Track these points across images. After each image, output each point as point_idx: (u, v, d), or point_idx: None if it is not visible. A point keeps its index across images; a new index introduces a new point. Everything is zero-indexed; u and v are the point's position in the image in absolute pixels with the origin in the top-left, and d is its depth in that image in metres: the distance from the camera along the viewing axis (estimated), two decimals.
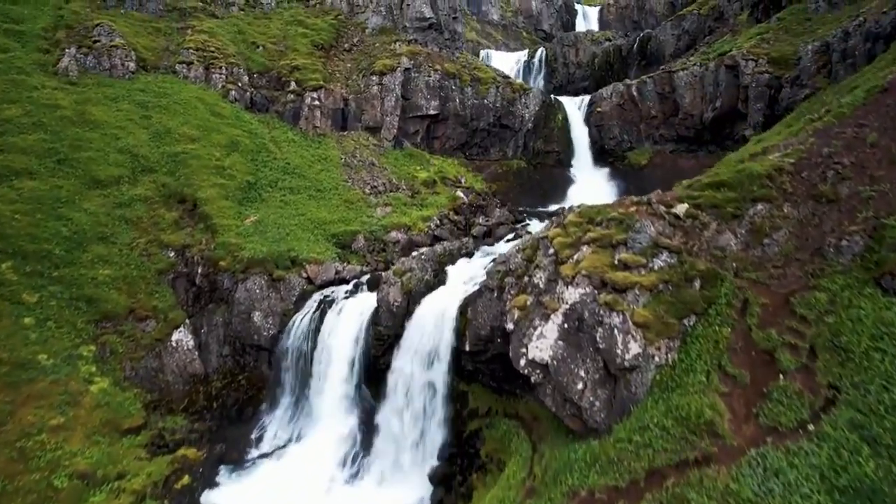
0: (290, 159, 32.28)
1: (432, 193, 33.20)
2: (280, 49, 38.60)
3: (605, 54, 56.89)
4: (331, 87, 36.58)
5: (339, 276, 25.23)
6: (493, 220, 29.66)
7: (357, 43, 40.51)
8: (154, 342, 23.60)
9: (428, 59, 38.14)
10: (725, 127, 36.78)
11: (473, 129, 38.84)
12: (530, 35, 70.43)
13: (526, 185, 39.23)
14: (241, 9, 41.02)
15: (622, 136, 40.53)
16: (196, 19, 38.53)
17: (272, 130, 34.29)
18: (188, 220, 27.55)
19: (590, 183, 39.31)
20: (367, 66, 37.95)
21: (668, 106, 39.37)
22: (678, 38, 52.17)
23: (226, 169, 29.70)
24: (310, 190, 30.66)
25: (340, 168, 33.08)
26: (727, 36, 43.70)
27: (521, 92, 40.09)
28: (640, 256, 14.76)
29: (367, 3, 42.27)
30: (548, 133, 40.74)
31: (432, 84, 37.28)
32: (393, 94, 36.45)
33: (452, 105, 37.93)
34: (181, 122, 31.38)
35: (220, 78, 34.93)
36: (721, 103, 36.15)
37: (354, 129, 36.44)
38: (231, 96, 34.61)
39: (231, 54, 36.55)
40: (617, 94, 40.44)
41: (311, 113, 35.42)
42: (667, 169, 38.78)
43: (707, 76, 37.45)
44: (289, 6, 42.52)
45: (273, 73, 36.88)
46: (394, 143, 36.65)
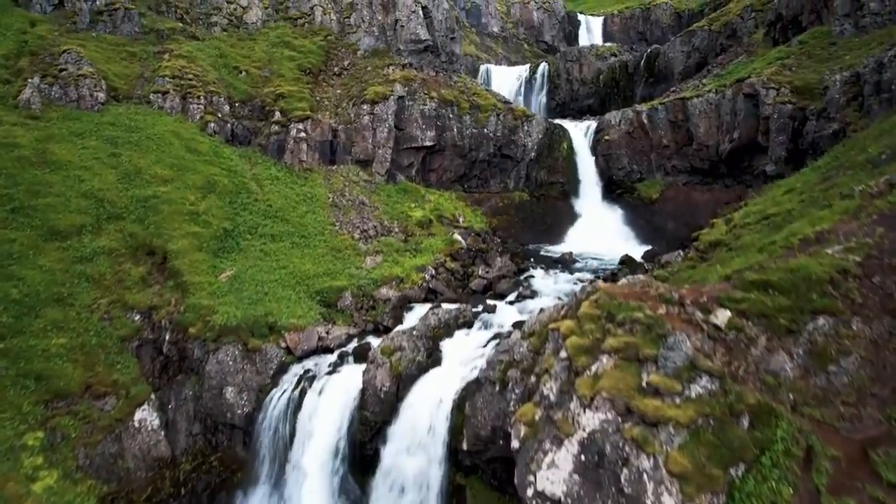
0: (273, 200, 29.63)
1: (428, 235, 30.58)
2: (264, 74, 35.92)
3: (611, 71, 54.26)
4: (318, 117, 33.92)
5: (322, 345, 22.61)
6: (493, 272, 27.04)
7: (348, 66, 37.84)
8: (113, 423, 20.97)
9: (423, 86, 35.49)
10: (743, 160, 34.18)
11: (472, 160, 36.22)
12: (532, 47, 67.77)
13: (528, 220, 36.63)
14: (223, 29, 38.36)
15: (631, 166, 37.91)
16: (174, 42, 35.84)
17: (254, 167, 31.65)
18: (157, 275, 24.92)
19: (596, 217, 36.74)
20: (357, 92, 35.29)
21: (681, 135, 36.75)
22: (688, 56, 49.58)
23: (200, 215, 27.06)
24: (293, 236, 28.04)
25: (327, 209, 30.45)
26: (742, 57, 41.08)
27: (524, 119, 37.47)
28: (675, 380, 12.15)
29: (358, 23, 39.60)
30: (552, 163, 38.13)
31: (428, 113, 34.64)
32: (385, 124, 33.81)
33: (450, 135, 35.30)
34: (153, 160, 28.73)
35: (198, 108, 32.26)
36: (739, 134, 33.55)
37: (344, 162, 33.80)
38: (210, 129, 31.95)
39: (211, 81, 33.88)
40: (626, 122, 37.82)
41: (296, 146, 32.78)
42: (679, 203, 36.24)
43: (724, 104, 34.82)
44: (275, 26, 39.85)
45: (256, 102, 34.21)
46: (386, 178, 34.03)
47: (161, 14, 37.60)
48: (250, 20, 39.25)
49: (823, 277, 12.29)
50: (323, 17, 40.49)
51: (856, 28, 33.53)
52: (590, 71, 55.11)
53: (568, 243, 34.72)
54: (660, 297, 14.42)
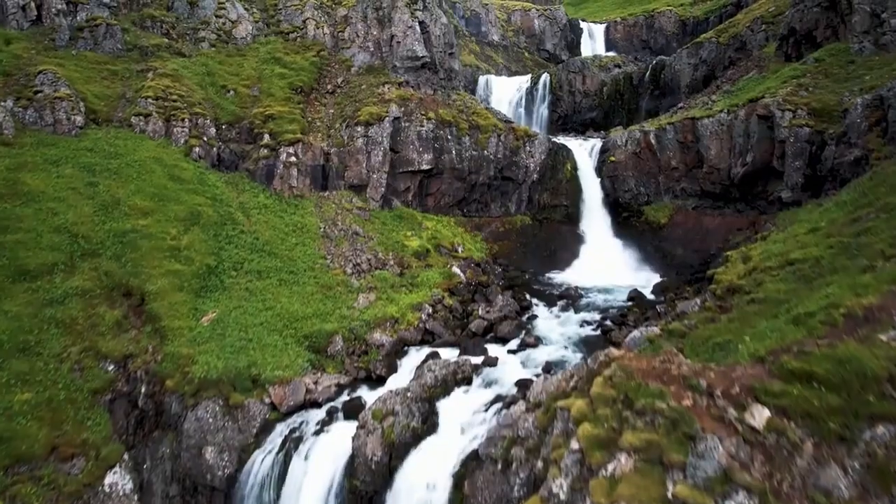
0: (260, 232, 27.94)
1: (425, 267, 28.91)
2: (253, 94, 34.20)
3: (615, 82, 52.54)
4: (310, 139, 32.22)
5: (309, 398, 20.93)
6: (494, 311, 25.35)
7: (341, 84, 36.11)
8: (81, 488, 19.26)
9: (420, 106, 33.79)
10: (757, 184, 32.50)
11: (472, 183, 34.53)
12: (533, 55, 66.05)
13: (531, 245, 34.96)
14: (211, 45, 36.61)
15: (638, 188, 36.23)
16: (159, 59, 34.10)
17: (241, 194, 29.94)
18: (134, 319, 23.22)
19: (602, 243, 35.08)
20: (351, 113, 33.57)
21: (691, 157, 35.06)
22: (695, 68, 47.85)
23: (182, 250, 25.36)
24: (281, 272, 26.34)
25: (318, 240, 28.76)
26: (753, 72, 39.39)
27: (526, 139, 35.77)
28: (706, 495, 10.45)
29: (352, 38, 37.88)
30: (555, 185, 36.44)
31: (425, 135, 32.94)
32: (380, 147, 32.11)
33: (448, 158, 33.60)
34: (133, 189, 27.03)
35: (182, 132, 30.55)
36: (753, 158, 31.87)
37: (337, 187, 32.10)
38: (195, 154, 30.25)
39: (197, 102, 32.15)
40: (633, 142, 36.13)
41: (286, 171, 31.08)
42: (689, 228, 34.58)
43: (736, 126, 33.13)
44: (266, 41, 38.10)
45: (244, 124, 32.49)
46: (381, 203, 32.34)
47: (146, 29, 35.87)
48: (240, 35, 37.52)
49: (881, 374, 10.60)
50: (316, 32, 38.76)
51: (876, 46, 31.86)
52: (593, 83, 53.37)
53: (573, 271, 33.06)
54: (684, 380, 12.71)
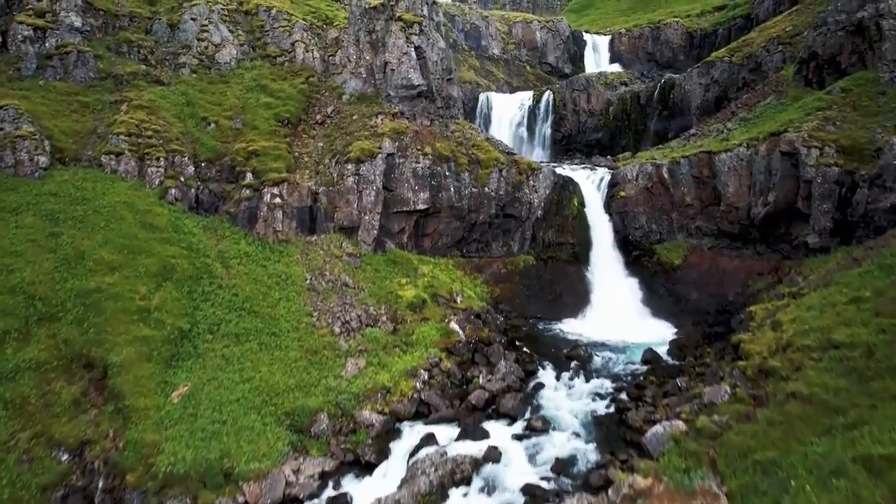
0: (240, 286, 25.52)
1: (420, 321, 26.50)
2: (236, 126, 31.74)
3: (621, 102, 50.15)
4: (296, 178, 29.78)
5: (289, 493, 18.53)
6: (496, 379, 22.95)
7: (331, 114, 33.66)
8: None
9: (416, 140, 31.35)
10: (780, 226, 30.10)
11: (472, 222, 32.11)
12: (535, 69, 63.61)
13: (535, 288, 32.56)
14: (193, 71, 34.12)
15: (650, 225, 33.82)
16: (135, 89, 31.63)
17: (220, 241, 27.52)
18: (94, 396, 20.80)
19: (611, 285, 32.69)
20: (341, 147, 31.13)
21: (707, 193, 32.66)
22: (706, 89, 45.44)
23: (152, 312, 22.94)
24: (262, 334, 23.93)
25: (304, 294, 26.34)
26: (771, 98, 36.94)
27: (530, 172, 33.35)
28: None
29: (344, 63, 35.40)
30: (561, 221, 34.03)
31: (421, 172, 30.52)
32: (373, 186, 29.68)
33: (446, 195, 31.18)
34: (100, 241, 24.59)
35: (157, 172, 28.11)
36: (775, 198, 29.48)
37: (325, 230, 29.67)
38: (170, 196, 27.81)
39: (174, 137, 29.71)
40: (644, 176, 33.71)
41: (270, 214, 28.66)
42: (704, 270, 32.19)
43: (757, 162, 30.73)
44: (251, 65, 35.62)
45: (226, 161, 30.05)
46: (374, 247, 29.93)
47: (122, 55, 33.38)
48: (223, 59, 35.05)
49: None
50: (305, 55, 36.30)
51: None
52: (598, 101, 50.95)
53: (580, 320, 30.70)
54: None
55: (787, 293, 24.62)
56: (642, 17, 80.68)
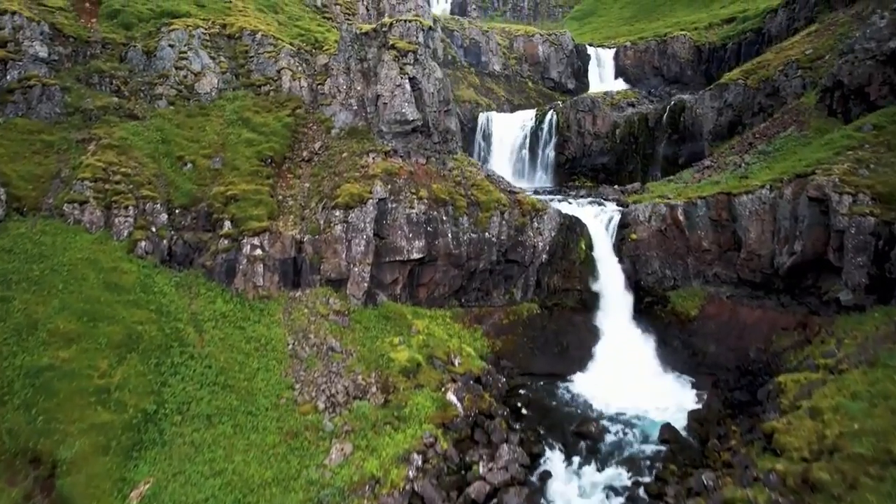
0: (215, 355, 23.03)
1: (414, 389, 24.01)
2: (215, 166, 29.21)
3: (629, 124, 47.62)
4: (279, 226, 27.28)
5: None
6: (498, 469, 20.48)
7: (319, 150, 31.13)
8: None
9: (410, 182, 28.84)
10: (806, 277, 27.62)
11: (471, 270, 29.62)
12: (537, 85, 61.09)
13: (539, 340, 30.08)
14: (170, 103, 31.57)
15: (664, 271, 31.34)
16: (105, 125, 29.11)
17: (194, 300, 25.01)
18: (39, 499, 18.32)
19: (622, 336, 30.24)
20: (329, 190, 28.62)
21: (726, 238, 30.17)
22: (719, 113, 42.93)
23: (113, 392, 20.45)
24: (237, 413, 21.45)
25: (286, 362, 23.85)
26: (792, 129, 34.45)
27: (534, 213, 30.85)
28: None
29: (333, 92, 32.84)
30: (567, 266, 31.54)
31: (416, 218, 28.02)
32: (363, 235, 27.18)
33: (443, 242, 28.68)
34: (57, 306, 22.09)
35: (125, 222, 25.61)
36: (802, 247, 26.98)
37: (311, 284, 27.18)
38: (140, 249, 25.30)
39: (146, 181, 27.20)
40: (657, 217, 31.20)
41: (250, 267, 26.16)
42: (723, 322, 29.73)
43: (781, 206, 28.24)
44: (234, 95, 33.06)
45: (202, 207, 27.53)
46: (364, 300, 27.44)
47: (92, 87, 30.83)
48: (203, 89, 32.49)
49: None
50: (292, 84, 33.75)
51: None
52: (604, 123, 48.42)
53: (589, 379, 28.21)
54: None
55: (822, 365, 22.14)
56: (647, 26, 78.26)
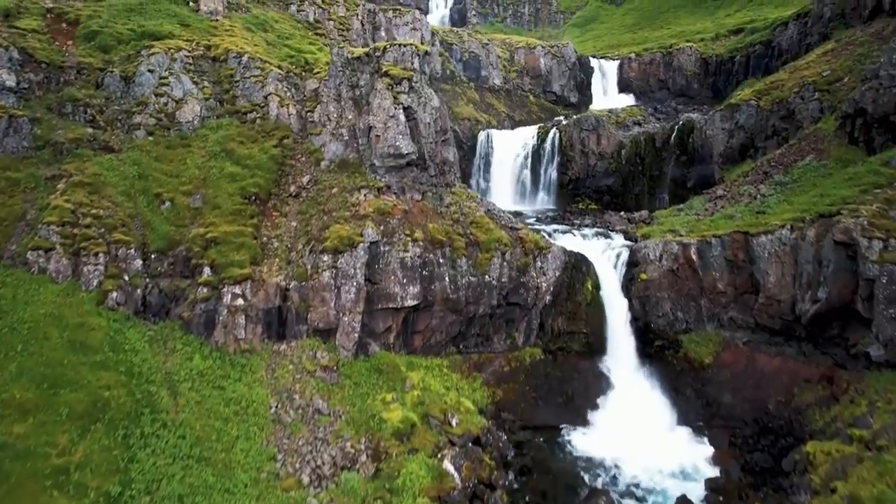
0: (190, 423, 21.02)
1: (408, 454, 22.02)
2: (195, 205, 27.21)
3: (635, 144, 45.68)
4: (262, 272, 25.30)
5: None
6: None
7: (308, 184, 29.13)
8: None
9: (404, 222, 26.86)
10: (832, 326, 25.66)
11: (470, 315, 27.65)
12: (538, 99, 59.06)
13: (543, 388, 28.14)
14: (149, 133, 29.55)
15: (675, 313, 29.38)
16: (77, 160, 27.10)
17: (169, 357, 23.02)
18: None
19: (630, 385, 28.40)
20: (317, 231, 26.64)
21: (743, 280, 28.21)
22: (730, 135, 41.00)
23: (72, 473, 18.41)
24: (213, 491, 19.42)
25: (268, 428, 21.86)
26: (810, 157, 32.49)
27: (537, 252, 28.89)
28: None
29: (323, 121, 30.84)
30: (573, 308, 29.58)
31: (410, 262, 26.04)
32: (353, 282, 25.21)
33: (440, 286, 26.71)
34: (14, 372, 20.10)
35: (95, 271, 23.61)
36: (827, 294, 25.01)
37: (297, 335, 25.20)
38: (111, 300, 23.30)
39: (119, 223, 25.19)
40: (669, 256, 29.23)
41: (231, 318, 24.18)
42: (739, 370, 27.82)
43: (803, 249, 26.27)
44: (217, 124, 31.03)
45: (180, 252, 25.53)
46: (355, 351, 25.48)
47: (65, 117, 28.82)
48: (185, 118, 30.49)
49: None
50: (280, 111, 31.75)
51: None
52: (609, 143, 46.47)
53: (596, 433, 26.30)
54: None
55: (856, 437, 20.18)
56: (650, 34, 76.34)
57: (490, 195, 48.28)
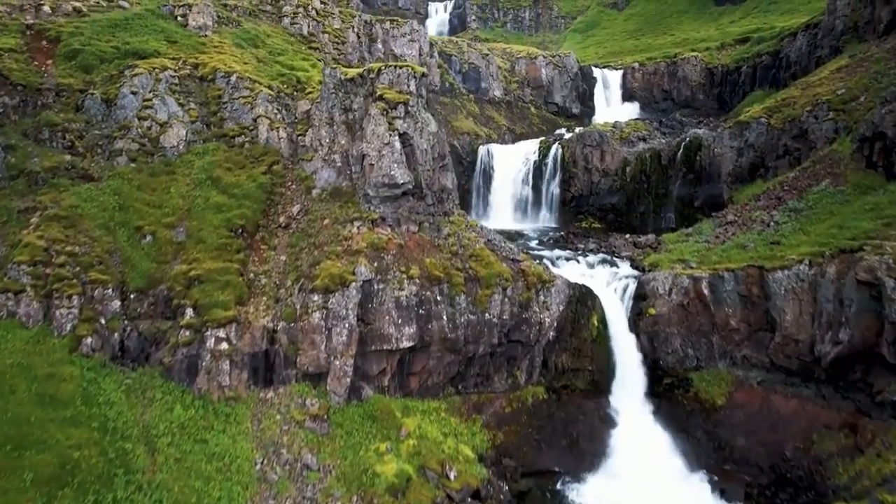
0: (168, 484, 19.50)
1: None
2: (178, 238, 25.69)
3: (640, 161, 44.11)
4: (249, 315, 23.80)
5: None
6: None
7: (298, 214, 27.62)
8: None
9: (399, 258, 25.36)
10: (855, 370, 24.16)
11: (469, 355, 26.15)
12: (539, 110, 57.55)
13: (546, 430, 26.65)
14: (131, 159, 28.02)
15: (685, 349, 27.90)
16: (54, 190, 25.60)
17: (148, 408, 21.50)
18: None
19: (638, 426, 26.98)
20: (307, 266, 25.13)
21: (757, 317, 26.73)
22: (739, 153, 39.52)
23: None
24: None
25: (253, 487, 20.34)
26: (826, 184, 30.99)
27: (540, 286, 27.38)
28: None
29: (315, 146, 29.32)
30: (577, 344, 28.10)
31: (406, 302, 24.54)
32: (345, 323, 23.71)
33: (437, 325, 25.20)
34: None
35: (69, 314, 22.09)
36: (850, 337, 23.54)
37: (286, 380, 23.71)
38: (85, 346, 21.80)
39: (96, 260, 23.67)
40: (679, 291, 27.74)
41: (215, 364, 22.68)
42: (754, 412, 26.35)
43: (823, 286, 24.77)
44: (204, 148, 29.50)
45: (161, 290, 24.01)
46: (347, 395, 23.99)
47: (42, 143, 27.30)
48: (170, 143, 28.96)
49: None
50: (270, 134, 30.23)
51: None
52: (613, 160, 44.95)
53: (602, 476, 24.95)
54: None
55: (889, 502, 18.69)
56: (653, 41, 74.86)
57: (490, 212, 46.88)
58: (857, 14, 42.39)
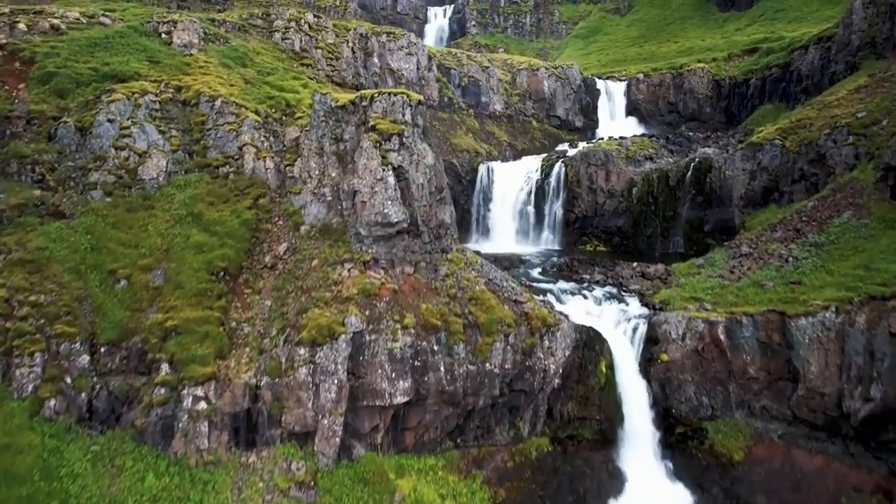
0: None
1: None
2: (155, 283, 23.83)
3: (647, 182, 42.28)
4: (230, 370, 21.94)
5: None
6: None
7: (285, 254, 25.75)
8: None
9: (393, 305, 23.49)
10: (887, 430, 22.31)
11: (469, 408, 24.30)
12: (542, 124, 55.65)
13: (551, 487, 24.80)
14: (107, 193, 26.14)
15: (700, 398, 26.04)
16: (20, 230, 23.72)
17: (116, 478, 19.65)
18: None
19: (650, 482, 25.14)
20: (294, 314, 23.27)
21: (778, 366, 24.89)
22: (752, 176, 37.74)
23: None
24: None
25: None
26: (848, 215, 29.15)
27: (544, 331, 25.52)
28: None
29: (304, 177, 27.46)
30: (585, 392, 26.25)
31: (400, 354, 22.69)
32: (333, 379, 21.85)
33: (434, 378, 23.36)
34: None
35: (30, 374, 20.24)
36: (883, 394, 21.72)
37: (270, 441, 21.85)
38: (49, 410, 19.95)
39: (63, 311, 21.80)
40: (693, 335, 25.89)
41: (192, 426, 20.82)
42: (775, 469, 24.42)
43: (852, 336, 22.93)
44: (185, 179, 27.58)
45: (135, 343, 22.15)
46: (336, 455, 22.12)
47: (9, 177, 25.43)
48: (149, 174, 27.08)
49: None
50: (256, 164, 28.35)
51: None
52: (619, 180, 43.10)
53: None
54: None
55: None
56: (656, 49, 73.00)
57: (490, 234, 45.08)
58: (874, 29, 40.60)
